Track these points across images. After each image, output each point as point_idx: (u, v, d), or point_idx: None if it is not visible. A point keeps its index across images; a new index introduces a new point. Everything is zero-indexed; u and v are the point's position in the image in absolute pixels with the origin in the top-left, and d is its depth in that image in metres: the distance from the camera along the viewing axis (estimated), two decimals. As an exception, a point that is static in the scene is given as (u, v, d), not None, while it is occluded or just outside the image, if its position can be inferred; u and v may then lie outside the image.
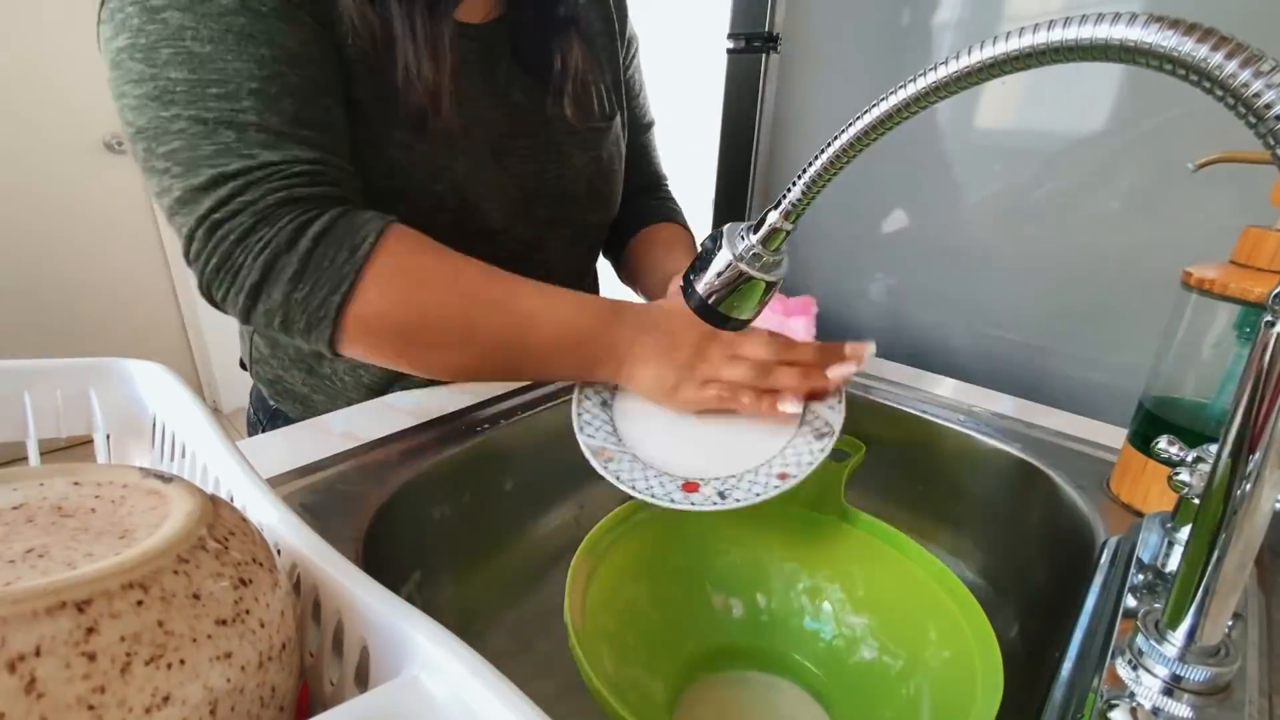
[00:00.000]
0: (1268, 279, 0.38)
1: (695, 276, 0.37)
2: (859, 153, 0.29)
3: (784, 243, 0.35)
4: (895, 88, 0.27)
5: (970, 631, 0.39)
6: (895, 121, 0.28)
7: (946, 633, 0.41)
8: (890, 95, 0.27)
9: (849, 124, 0.29)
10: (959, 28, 0.67)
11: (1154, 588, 0.35)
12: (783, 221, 0.34)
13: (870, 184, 0.76)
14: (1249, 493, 0.25)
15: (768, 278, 0.36)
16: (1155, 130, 0.57)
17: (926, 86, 0.26)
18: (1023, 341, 0.69)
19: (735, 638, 0.47)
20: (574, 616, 0.36)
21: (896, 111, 0.28)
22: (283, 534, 0.25)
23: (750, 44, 0.81)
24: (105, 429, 0.35)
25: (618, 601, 0.42)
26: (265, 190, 0.43)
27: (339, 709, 0.17)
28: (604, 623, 0.39)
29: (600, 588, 0.41)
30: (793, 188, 0.32)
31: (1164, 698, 0.28)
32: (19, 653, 0.15)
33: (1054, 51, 0.23)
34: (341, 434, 0.52)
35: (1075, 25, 0.22)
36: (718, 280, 0.36)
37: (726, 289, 0.36)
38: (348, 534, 0.42)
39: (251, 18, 0.43)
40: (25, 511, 0.21)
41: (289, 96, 0.44)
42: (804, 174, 0.32)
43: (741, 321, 0.38)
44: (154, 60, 0.42)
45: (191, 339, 2.43)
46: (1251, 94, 0.19)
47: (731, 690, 0.45)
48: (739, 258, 0.35)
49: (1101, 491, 0.48)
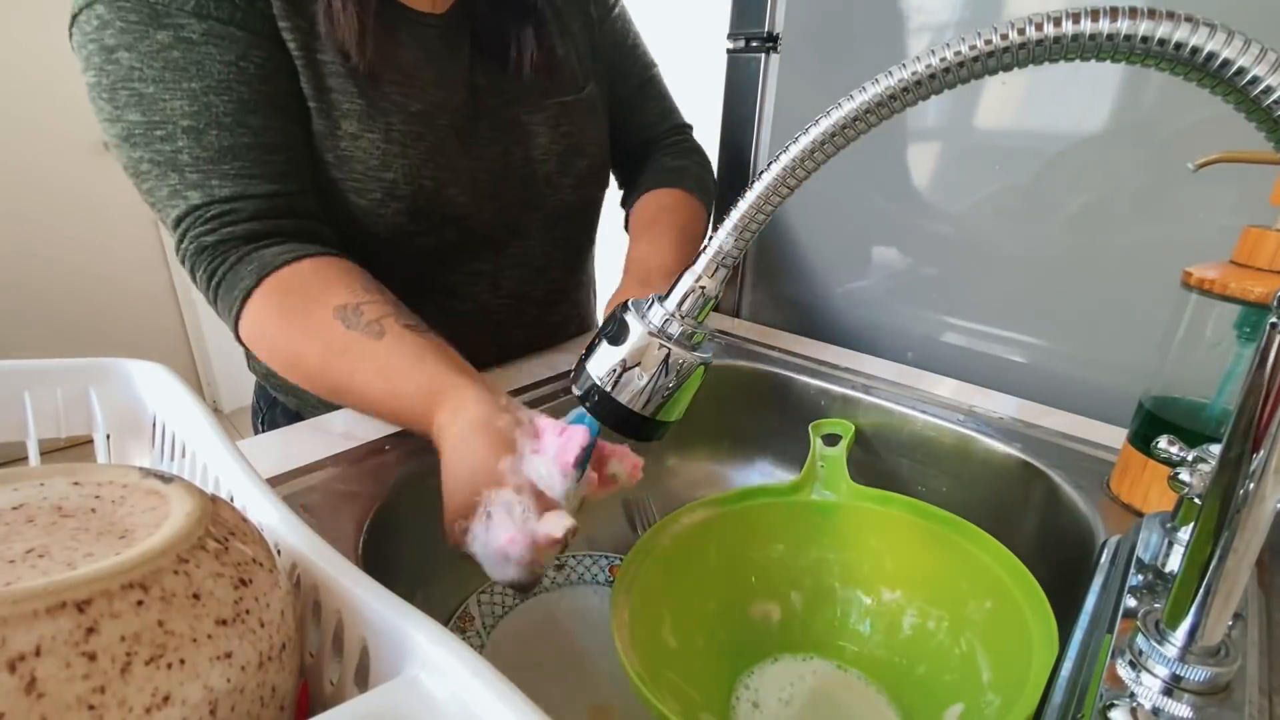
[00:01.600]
0: (1268, 279, 0.38)
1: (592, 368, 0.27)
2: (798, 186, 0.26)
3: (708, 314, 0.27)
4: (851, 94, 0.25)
5: (1005, 574, 0.39)
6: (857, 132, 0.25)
7: (980, 582, 0.40)
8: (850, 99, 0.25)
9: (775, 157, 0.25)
10: (959, 28, 0.67)
11: (1154, 588, 0.35)
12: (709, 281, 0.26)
13: (867, 183, 0.76)
14: (1251, 492, 0.25)
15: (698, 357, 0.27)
16: (1155, 130, 0.57)
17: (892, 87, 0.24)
18: (1022, 341, 0.69)
19: (779, 641, 0.47)
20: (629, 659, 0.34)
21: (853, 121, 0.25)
22: (283, 534, 0.25)
23: (750, 44, 0.81)
24: (105, 429, 0.35)
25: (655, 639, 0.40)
26: (190, 240, 0.49)
27: (339, 709, 0.17)
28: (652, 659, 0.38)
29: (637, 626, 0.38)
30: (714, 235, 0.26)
31: (1164, 698, 0.28)
32: (19, 652, 0.15)
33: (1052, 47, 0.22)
34: (341, 434, 0.52)
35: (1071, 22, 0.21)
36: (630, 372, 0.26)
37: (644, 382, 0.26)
38: (348, 534, 0.42)
39: (184, 49, 0.45)
40: (25, 511, 0.21)
41: (215, 128, 0.46)
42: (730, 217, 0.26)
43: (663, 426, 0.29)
44: (116, 102, 0.45)
45: (191, 339, 2.43)
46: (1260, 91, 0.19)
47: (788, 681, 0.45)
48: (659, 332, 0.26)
49: (1101, 491, 0.48)
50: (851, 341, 0.78)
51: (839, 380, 0.66)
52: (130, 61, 0.44)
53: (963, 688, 0.40)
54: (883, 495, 0.47)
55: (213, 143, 0.47)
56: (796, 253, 0.84)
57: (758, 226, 0.26)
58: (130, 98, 0.45)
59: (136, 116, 0.45)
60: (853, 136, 0.26)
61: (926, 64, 0.23)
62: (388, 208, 0.55)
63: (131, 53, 0.44)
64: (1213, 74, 0.20)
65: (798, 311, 0.86)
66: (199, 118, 0.46)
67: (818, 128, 0.26)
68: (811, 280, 0.84)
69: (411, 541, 0.47)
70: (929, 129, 0.71)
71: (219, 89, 0.46)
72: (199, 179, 0.47)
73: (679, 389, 0.27)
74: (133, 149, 0.46)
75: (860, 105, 0.25)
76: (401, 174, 0.54)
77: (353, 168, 0.53)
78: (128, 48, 0.44)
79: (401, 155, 0.54)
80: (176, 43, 0.45)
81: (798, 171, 0.26)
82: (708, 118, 0.88)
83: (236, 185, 0.48)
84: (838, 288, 0.83)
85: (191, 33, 0.45)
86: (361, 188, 0.53)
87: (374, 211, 0.54)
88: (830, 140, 0.26)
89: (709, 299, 0.26)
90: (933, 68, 0.23)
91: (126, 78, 0.45)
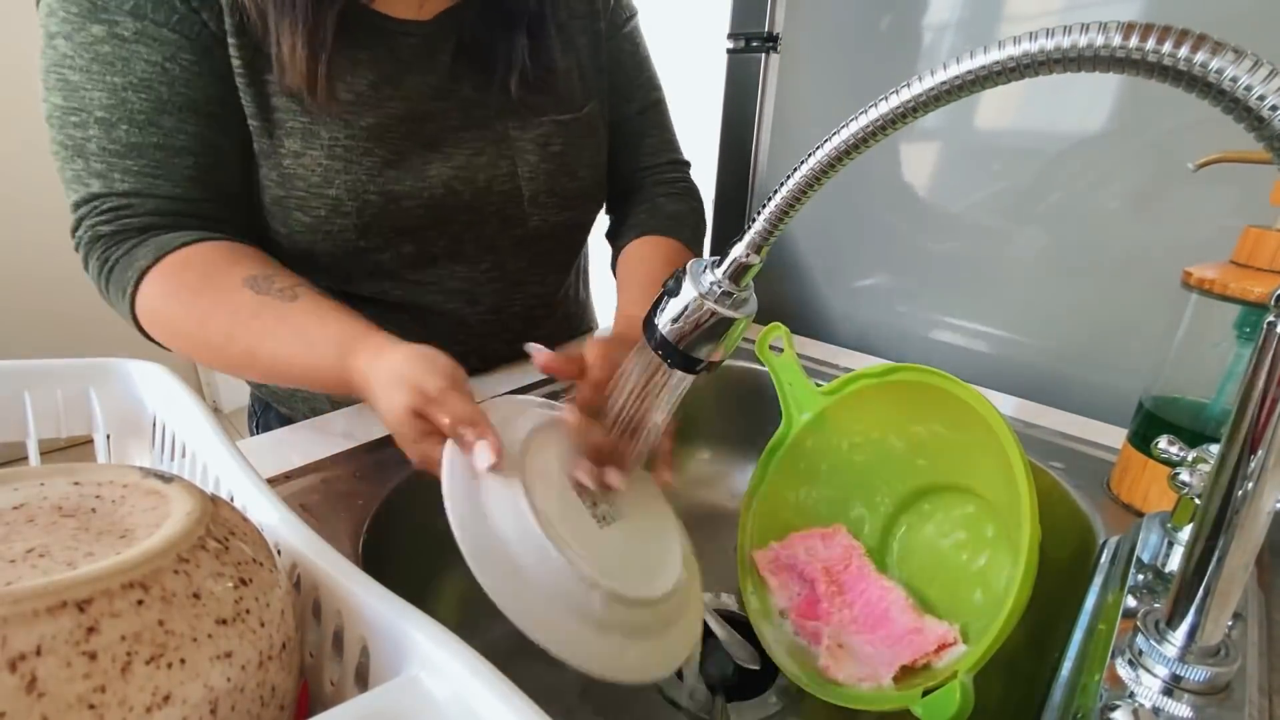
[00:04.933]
0: (1268, 279, 0.38)
1: (657, 316, 0.34)
2: (828, 179, 0.28)
3: (752, 278, 0.33)
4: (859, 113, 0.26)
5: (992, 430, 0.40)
6: (864, 147, 0.27)
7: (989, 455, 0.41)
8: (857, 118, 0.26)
9: (812, 151, 0.28)
10: (959, 28, 0.67)
11: (1154, 588, 0.35)
12: (750, 255, 0.32)
13: (868, 183, 0.76)
14: (1250, 492, 0.25)
15: (736, 314, 0.33)
16: (1155, 130, 0.57)
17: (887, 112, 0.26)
18: (1022, 341, 0.69)
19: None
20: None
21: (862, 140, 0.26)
22: (283, 534, 0.25)
23: (750, 44, 0.81)
24: (105, 429, 0.35)
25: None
26: (86, 227, 0.49)
27: (339, 708, 0.17)
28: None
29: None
30: (757, 219, 0.30)
31: (1164, 698, 0.28)
32: (20, 652, 0.15)
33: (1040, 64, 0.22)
34: (341, 434, 0.52)
35: (1060, 36, 0.21)
36: (683, 321, 0.33)
37: (693, 330, 0.33)
38: (348, 534, 0.42)
39: (115, 45, 0.46)
40: (26, 511, 0.21)
41: (126, 124, 0.47)
42: (768, 205, 0.30)
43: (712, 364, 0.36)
44: (47, 84, 0.47)
45: (191, 339, 2.43)
46: (1256, 98, 0.19)
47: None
48: (706, 295, 0.33)
49: (1101, 491, 0.48)
50: (851, 341, 0.78)
51: (839, 380, 0.66)
52: (64, 49, 0.46)
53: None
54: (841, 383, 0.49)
55: (121, 137, 0.47)
56: (796, 253, 0.84)
57: (792, 214, 0.30)
58: (57, 81, 0.47)
59: (58, 100, 0.47)
60: (887, 134, 0.27)
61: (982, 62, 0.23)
62: (333, 224, 0.54)
63: (68, 41, 0.46)
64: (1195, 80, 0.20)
65: (798, 311, 0.86)
66: (113, 111, 0.47)
67: (855, 124, 0.27)
68: (811, 280, 0.84)
69: (411, 541, 0.47)
70: (929, 130, 0.71)
71: (139, 86, 0.47)
72: (102, 169, 0.48)
73: (724, 336, 0.34)
74: (50, 128, 0.48)
75: (903, 102, 0.25)
76: (345, 190, 0.53)
77: (295, 185, 0.52)
78: (65, 36, 0.46)
79: (345, 171, 0.52)
80: (109, 38, 0.46)
81: (833, 165, 0.28)
82: (708, 118, 0.88)
83: (138, 182, 0.48)
84: (838, 288, 0.83)
85: (124, 30, 0.46)
86: (305, 204, 0.53)
87: (320, 228, 0.53)
88: (869, 136, 0.27)
89: (749, 267, 0.32)
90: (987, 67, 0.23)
91: (58, 63, 0.46)
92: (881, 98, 0.26)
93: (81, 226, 0.49)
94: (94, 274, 0.50)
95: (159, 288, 0.48)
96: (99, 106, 0.46)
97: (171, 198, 0.49)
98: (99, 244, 0.49)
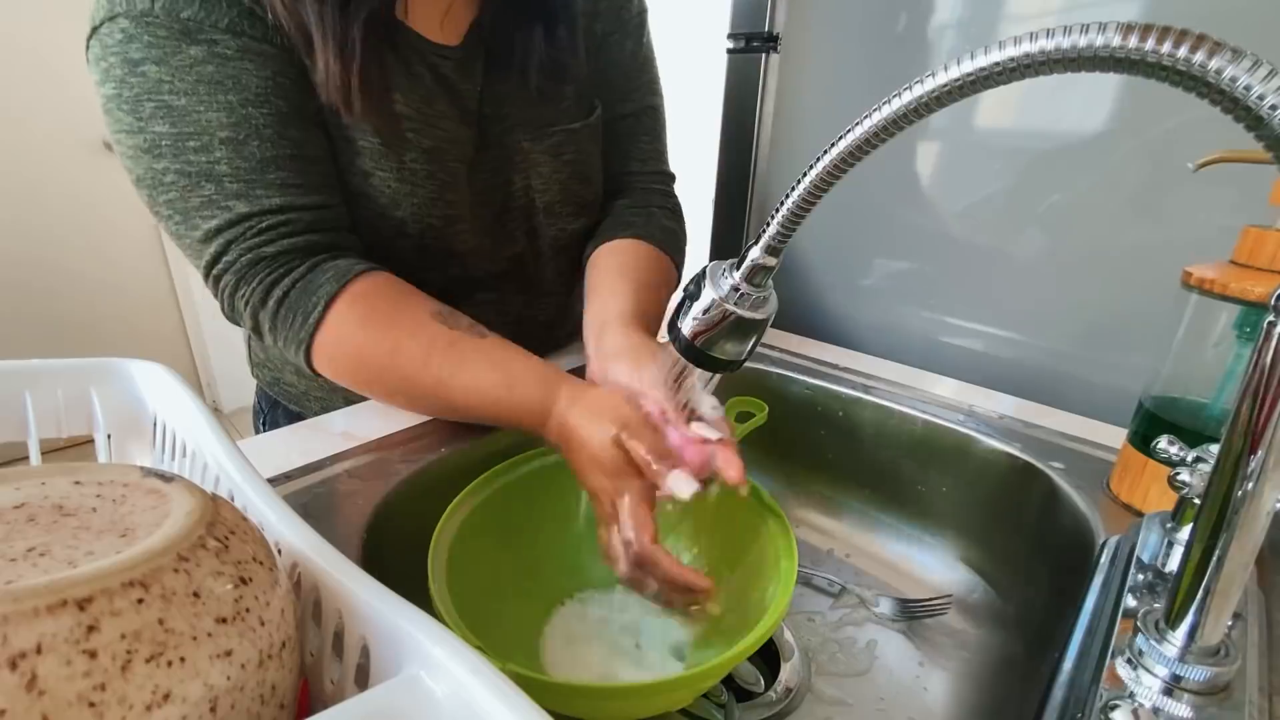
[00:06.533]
0: (1268, 279, 0.38)
1: (680, 319, 0.36)
2: (837, 181, 0.29)
3: (769, 278, 0.34)
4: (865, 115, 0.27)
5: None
6: (870, 148, 0.27)
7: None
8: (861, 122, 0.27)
9: (823, 153, 0.28)
10: (960, 28, 0.67)
11: (1154, 588, 0.35)
12: (765, 257, 0.33)
13: (869, 183, 0.76)
14: (1250, 493, 0.25)
15: (756, 315, 0.35)
16: (1155, 130, 0.57)
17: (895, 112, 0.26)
18: (1023, 341, 0.69)
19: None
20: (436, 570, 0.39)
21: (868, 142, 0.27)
22: (283, 533, 0.25)
23: (750, 44, 0.81)
24: (106, 429, 0.35)
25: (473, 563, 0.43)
26: (240, 250, 0.47)
27: (339, 707, 0.17)
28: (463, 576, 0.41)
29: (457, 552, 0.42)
30: (771, 222, 0.31)
31: (1164, 698, 0.28)
32: (20, 650, 0.15)
33: (1040, 64, 0.22)
34: (341, 434, 0.52)
35: (1061, 36, 0.21)
36: (703, 322, 0.35)
37: (713, 330, 0.35)
38: (348, 534, 0.42)
39: (219, 64, 0.44)
40: (27, 510, 0.21)
41: (256, 139, 0.46)
42: (781, 208, 0.31)
43: (734, 363, 0.37)
44: (140, 114, 0.44)
45: (191, 339, 2.43)
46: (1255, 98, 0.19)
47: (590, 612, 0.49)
48: (725, 298, 0.34)
49: (1101, 491, 0.48)
50: (852, 341, 0.78)
51: (839, 380, 0.66)
52: (159, 75, 0.43)
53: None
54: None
55: (254, 153, 0.46)
56: (796, 253, 0.84)
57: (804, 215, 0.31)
58: (158, 109, 0.44)
59: (164, 128, 0.44)
60: (893, 134, 0.27)
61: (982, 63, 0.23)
62: (395, 246, 0.54)
63: (161, 66, 0.43)
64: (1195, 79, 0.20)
65: (798, 311, 0.86)
66: (238, 129, 0.45)
67: (861, 127, 0.27)
68: (811, 280, 0.84)
69: (412, 541, 0.47)
70: (929, 130, 0.71)
71: (257, 101, 0.45)
72: (241, 189, 0.46)
73: (745, 336, 0.36)
74: (156, 160, 0.45)
75: (905, 105, 0.26)
76: (410, 213, 0.53)
77: (364, 205, 0.52)
78: (157, 61, 0.43)
79: (411, 195, 0.53)
80: (210, 58, 0.44)
81: (843, 167, 0.28)
82: (708, 118, 0.88)
83: (285, 196, 0.47)
84: (838, 288, 0.83)
85: (226, 48, 0.44)
86: (370, 225, 0.53)
87: (380, 249, 0.53)
88: (874, 139, 0.27)
89: (767, 268, 0.33)
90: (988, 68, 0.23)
91: (154, 90, 0.44)
92: (884, 100, 0.26)
93: (231, 250, 0.46)
94: (257, 299, 0.47)
95: (347, 314, 0.47)
96: (220, 126, 0.45)
97: (319, 207, 0.49)
98: (262, 267, 0.47)
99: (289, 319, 0.48)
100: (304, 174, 0.48)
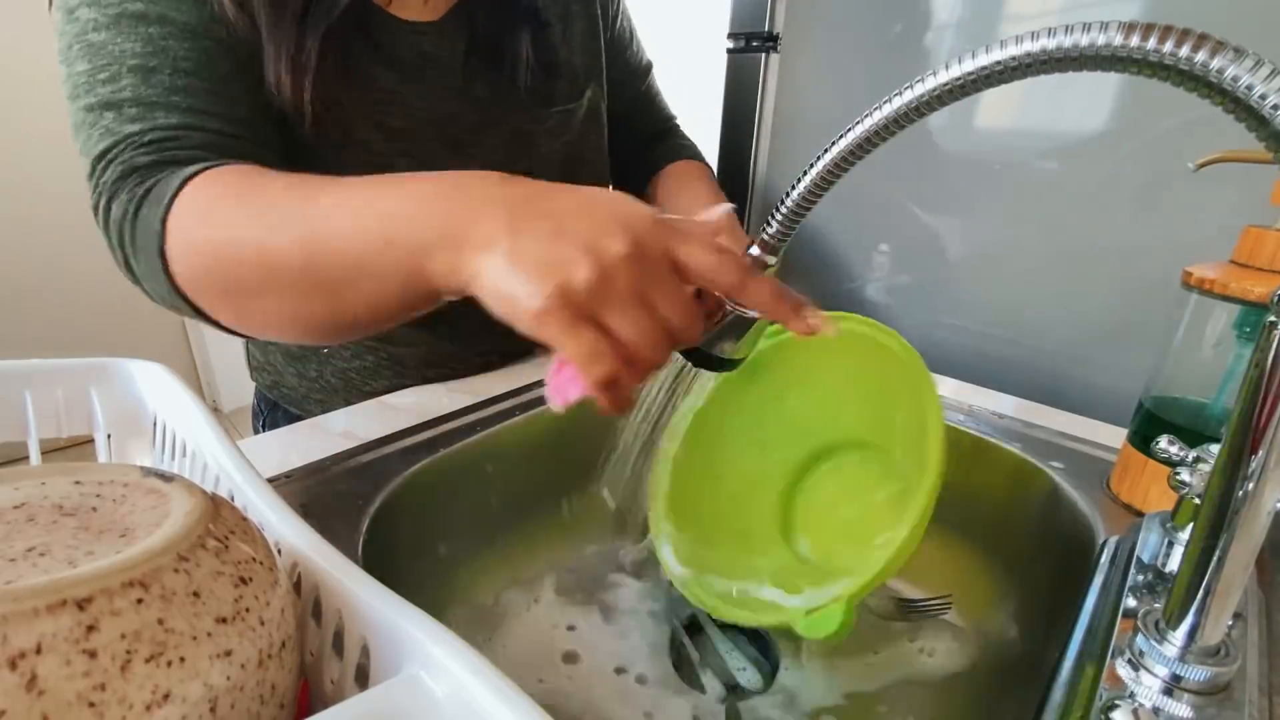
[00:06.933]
0: (1268, 279, 0.38)
1: None
2: (837, 180, 0.29)
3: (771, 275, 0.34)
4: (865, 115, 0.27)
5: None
6: (870, 147, 0.27)
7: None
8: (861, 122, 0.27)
9: (823, 152, 0.28)
10: (959, 28, 0.67)
11: (1154, 588, 0.35)
12: (765, 256, 0.33)
13: (870, 184, 0.76)
14: (1250, 493, 0.25)
15: (756, 314, 0.34)
16: (1155, 130, 0.57)
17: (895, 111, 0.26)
18: (1023, 341, 0.69)
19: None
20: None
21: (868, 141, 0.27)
22: (283, 533, 0.25)
23: (750, 44, 0.81)
24: (106, 429, 0.35)
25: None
26: (115, 166, 0.40)
27: (339, 707, 0.17)
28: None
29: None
30: (771, 221, 0.31)
31: (1164, 698, 0.28)
32: (20, 650, 0.15)
33: (1041, 63, 0.22)
34: (341, 434, 0.52)
35: (1062, 35, 0.21)
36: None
37: (713, 329, 0.35)
38: (348, 534, 0.42)
39: (148, 2, 0.41)
40: (27, 510, 0.21)
41: (169, 69, 0.41)
42: (781, 207, 0.31)
43: (734, 363, 0.36)
44: (69, 59, 0.41)
45: (191, 339, 2.43)
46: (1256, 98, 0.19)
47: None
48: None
49: (1101, 491, 0.48)
50: (852, 341, 0.78)
51: (839, 380, 0.66)
52: (88, 15, 0.40)
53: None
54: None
55: (164, 81, 0.40)
56: (796, 253, 0.84)
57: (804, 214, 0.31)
58: (82, 50, 0.40)
59: (82, 66, 0.40)
60: (893, 133, 0.27)
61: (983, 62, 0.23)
62: None
63: (91, 8, 0.40)
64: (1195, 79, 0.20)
65: (798, 312, 0.86)
66: (151, 58, 0.40)
67: (861, 126, 0.27)
68: (812, 280, 0.84)
69: (411, 541, 0.47)
70: (929, 130, 0.71)
71: (183, 35, 0.41)
72: (139, 112, 0.40)
73: (745, 335, 0.35)
74: (72, 102, 0.41)
75: (905, 104, 0.25)
76: None
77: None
78: (89, 4, 0.40)
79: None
80: None
81: (843, 166, 0.29)
82: (708, 118, 0.88)
83: (187, 117, 0.41)
84: (838, 288, 0.83)
85: None
86: None
87: None
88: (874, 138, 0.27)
89: (766, 267, 0.33)
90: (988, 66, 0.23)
91: (81, 31, 0.40)
92: (885, 100, 0.26)
93: (110, 168, 0.40)
94: (117, 214, 0.40)
95: (208, 185, 0.38)
96: (131, 55, 0.40)
97: (224, 133, 0.42)
98: (131, 178, 0.40)
99: (145, 224, 0.38)
100: (220, 102, 0.42)
